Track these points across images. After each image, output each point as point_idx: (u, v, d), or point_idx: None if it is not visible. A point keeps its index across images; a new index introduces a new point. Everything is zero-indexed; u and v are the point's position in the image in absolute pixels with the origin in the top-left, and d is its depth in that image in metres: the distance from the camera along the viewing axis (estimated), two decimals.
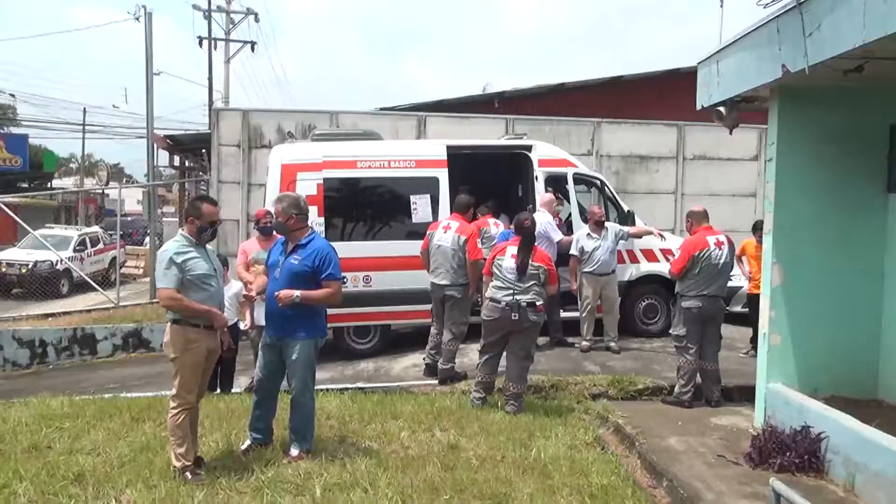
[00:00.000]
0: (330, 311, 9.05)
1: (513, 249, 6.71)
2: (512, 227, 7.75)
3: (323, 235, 7.06)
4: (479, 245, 7.88)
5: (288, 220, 5.21)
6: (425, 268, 8.09)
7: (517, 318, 6.50)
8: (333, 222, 9.18)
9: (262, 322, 7.09)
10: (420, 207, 9.25)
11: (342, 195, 9.32)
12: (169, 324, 4.86)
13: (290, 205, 5.23)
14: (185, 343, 4.77)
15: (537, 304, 6.54)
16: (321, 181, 9.17)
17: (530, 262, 6.58)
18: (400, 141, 10.98)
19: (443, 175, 9.46)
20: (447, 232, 7.78)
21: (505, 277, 6.64)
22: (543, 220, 8.91)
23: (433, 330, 8.08)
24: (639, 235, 9.72)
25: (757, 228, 8.55)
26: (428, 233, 8.06)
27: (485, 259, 7.30)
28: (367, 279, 9.06)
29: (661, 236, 9.80)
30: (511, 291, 6.57)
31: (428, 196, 9.33)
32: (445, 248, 7.71)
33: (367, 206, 9.51)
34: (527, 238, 6.72)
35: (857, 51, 4.10)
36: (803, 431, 5.12)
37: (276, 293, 5.04)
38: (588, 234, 9.07)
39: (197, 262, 4.82)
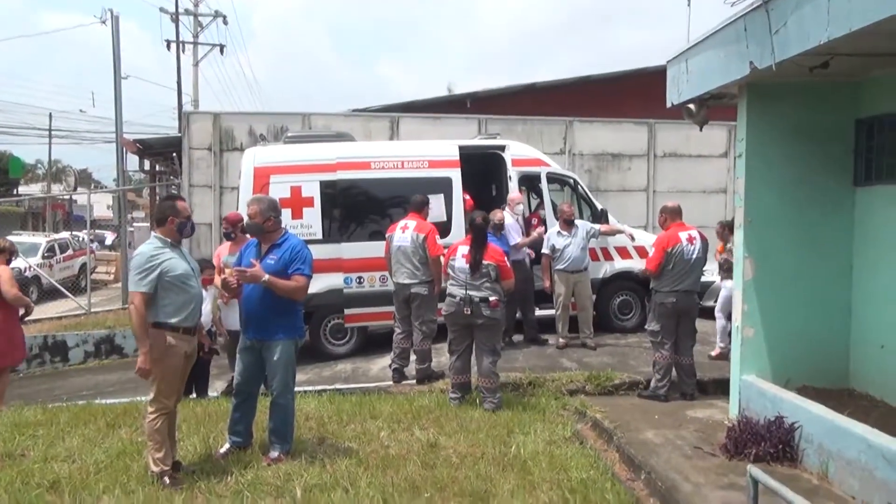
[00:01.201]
0: (351, 311, 9.23)
1: (464, 249, 6.78)
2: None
3: (311, 237, 7.04)
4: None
5: (266, 221, 5.19)
6: (388, 271, 8.11)
7: (470, 312, 6.60)
8: (348, 223, 9.26)
9: (234, 326, 7.11)
10: (434, 207, 9.29)
11: (357, 196, 9.40)
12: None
13: (268, 207, 5.22)
14: (164, 347, 4.73)
15: (490, 299, 6.59)
16: (330, 182, 9.35)
17: (482, 260, 6.64)
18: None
19: (456, 175, 9.60)
20: (405, 232, 7.78)
21: (458, 276, 6.73)
22: (506, 222, 8.99)
23: (397, 334, 7.99)
24: (611, 233, 9.83)
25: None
26: (387, 235, 8.05)
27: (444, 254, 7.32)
28: (383, 279, 9.07)
29: (632, 237, 9.89)
30: (464, 288, 6.65)
31: (441, 196, 9.45)
32: (406, 248, 7.71)
33: (382, 206, 9.55)
34: (478, 237, 6.76)
35: (823, 47, 4.17)
36: (777, 421, 5.20)
37: (239, 271, 5.02)
38: (558, 232, 9.15)
39: (175, 262, 4.78)
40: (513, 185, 9.85)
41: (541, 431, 5.89)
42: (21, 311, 7.62)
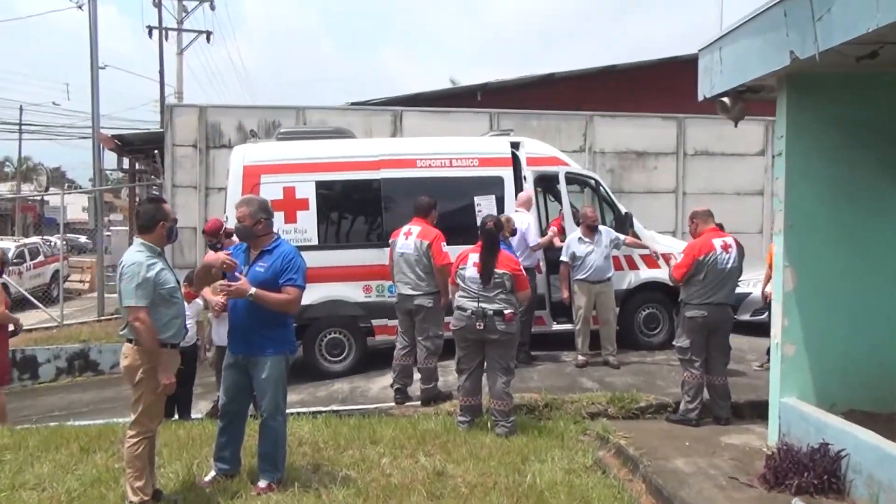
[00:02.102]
0: (381, 322, 9.23)
1: (475, 257, 6.75)
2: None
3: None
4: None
5: (256, 224, 5.19)
6: (392, 280, 8.13)
7: (482, 326, 6.55)
8: (392, 226, 8.99)
9: (222, 341, 7.10)
10: (485, 209, 9.39)
11: (401, 197, 9.38)
12: (129, 344, 4.79)
13: (258, 208, 5.23)
14: (151, 366, 4.72)
15: (505, 312, 6.57)
16: (379, 181, 9.49)
17: (494, 269, 6.62)
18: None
19: (508, 174, 9.74)
20: (408, 238, 7.77)
21: (468, 287, 6.70)
22: (523, 221, 8.98)
23: (399, 349, 7.97)
24: (636, 247, 9.81)
25: None
26: (391, 241, 8.07)
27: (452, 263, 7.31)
28: None
29: (657, 255, 9.82)
30: (476, 300, 6.63)
31: (493, 197, 9.57)
32: (409, 256, 7.70)
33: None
34: (489, 243, 6.74)
35: (871, 35, 4.16)
36: (821, 449, 5.17)
37: (223, 287, 5.03)
38: (579, 239, 9.13)
39: (167, 274, 4.82)
40: (527, 187, 9.85)
41: (559, 459, 5.87)
42: (11, 328, 7.80)
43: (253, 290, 4.97)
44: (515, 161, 9.93)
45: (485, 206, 9.46)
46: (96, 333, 13.19)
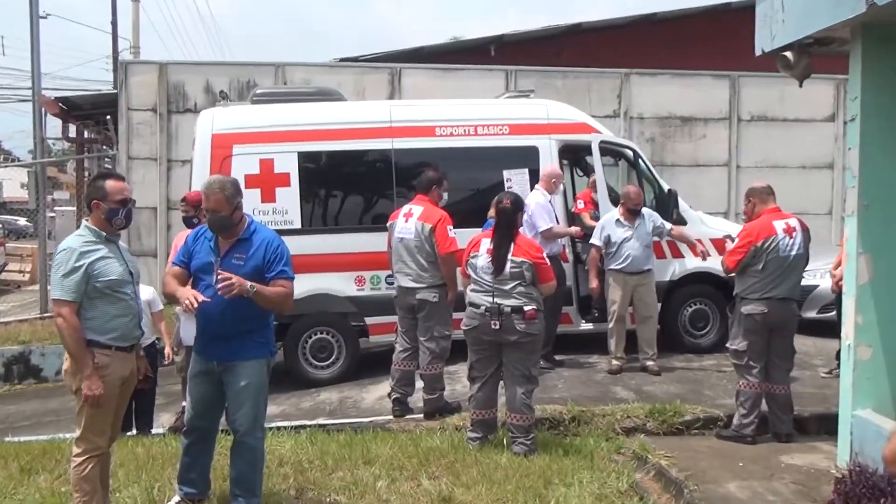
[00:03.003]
0: (376, 320, 9.25)
1: (487, 242, 6.73)
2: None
3: None
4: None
5: (234, 210, 5.12)
6: (391, 268, 8.15)
7: (498, 326, 6.53)
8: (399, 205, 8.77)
9: (192, 341, 7.09)
10: (516, 184, 9.43)
11: (414, 170, 9.26)
12: None
13: (234, 191, 5.14)
14: (91, 370, 4.74)
15: (526, 308, 6.55)
16: (382, 151, 9.62)
17: (510, 256, 6.61)
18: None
19: (543, 144, 9.77)
20: (408, 220, 7.75)
21: (481, 279, 6.69)
22: (531, 200, 8.92)
23: (398, 352, 7.98)
24: (682, 240, 9.69)
25: None
26: (388, 224, 8.06)
27: (460, 249, 7.31)
28: None
29: (704, 256, 9.51)
30: (490, 294, 6.62)
31: (526, 172, 9.62)
32: (409, 242, 7.69)
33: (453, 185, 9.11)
34: (504, 226, 6.72)
35: None
36: None
37: (225, 275, 4.89)
38: (617, 221, 9.11)
39: (108, 264, 4.79)
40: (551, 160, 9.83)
41: (588, 482, 5.88)
42: None
43: (252, 284, 4.93)
44: None
45: (516, 181, 9.50)
46: (39, 333, 13.17)
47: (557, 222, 9.27)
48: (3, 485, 5.89)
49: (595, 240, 9.19)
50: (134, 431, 7.42)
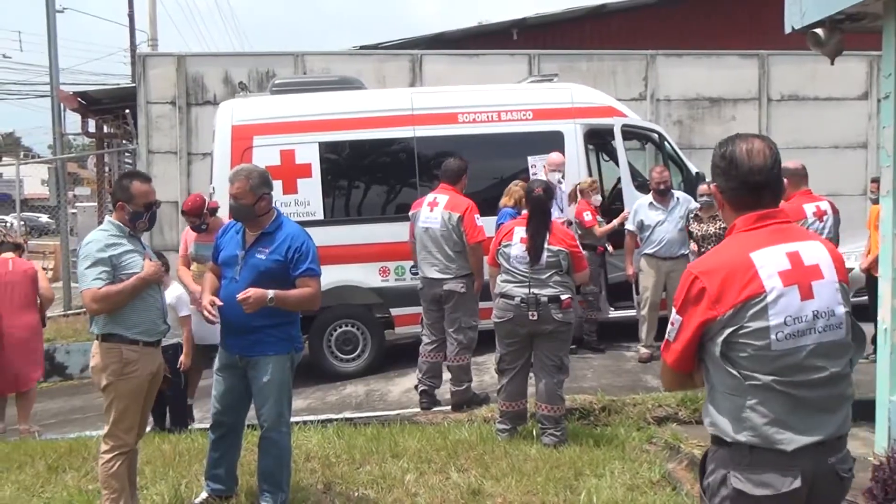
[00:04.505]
0: (402, 311, 9.28)
1: (521, 231, 6.70)
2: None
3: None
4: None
5: (259, 201, 5.13)
6: (413, 259, 8.17)
7: (536, 317, 6.52)
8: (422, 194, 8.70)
9: (201, 340, 7.19)
10: (540, 171, 9.45)
11: (436, 158, 9.31)
12: (96, 342, 4.87)
13: (260, 181, 5.15)
14: (120, 366, 4.78)
15: (562, 298, 6.55)
16: (405, 140, 9.64)
17: (546, 245, 6.60)
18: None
19: (569, 129, 9.80)
20: (434, 210, 7.74)
21: (515, 269, 6.66)
22: None
23: (425, 344, 8.00)
24: None
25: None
26: (411, 213, 8.06)
27: (488, 238, 7.31)
28: None
29: None
30: (526, 284, 6.60)
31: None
32: (434, 231, 7.69)
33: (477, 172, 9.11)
34: (538, 213, 6.70)
35: None
36: None
37: (242, 295, 4.92)
38: (650, 204, 9.09)
39: (133, 258, 4.83)
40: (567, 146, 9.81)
41: (619, 473, 5.87)
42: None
43: (272, 293, 4.95)
44: None
45: (540, 167, 9.49)
46: (63, 331, 13.29)
47: (561, 211, 9.28)
48: (30, 483, 5.95)
49: (630, 225, 9.19)
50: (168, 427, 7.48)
